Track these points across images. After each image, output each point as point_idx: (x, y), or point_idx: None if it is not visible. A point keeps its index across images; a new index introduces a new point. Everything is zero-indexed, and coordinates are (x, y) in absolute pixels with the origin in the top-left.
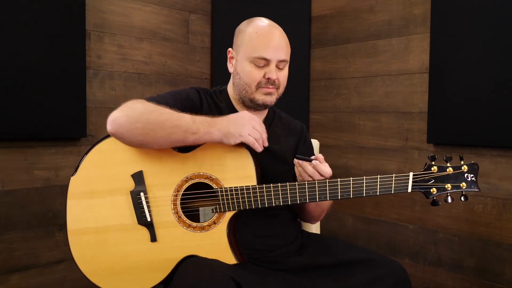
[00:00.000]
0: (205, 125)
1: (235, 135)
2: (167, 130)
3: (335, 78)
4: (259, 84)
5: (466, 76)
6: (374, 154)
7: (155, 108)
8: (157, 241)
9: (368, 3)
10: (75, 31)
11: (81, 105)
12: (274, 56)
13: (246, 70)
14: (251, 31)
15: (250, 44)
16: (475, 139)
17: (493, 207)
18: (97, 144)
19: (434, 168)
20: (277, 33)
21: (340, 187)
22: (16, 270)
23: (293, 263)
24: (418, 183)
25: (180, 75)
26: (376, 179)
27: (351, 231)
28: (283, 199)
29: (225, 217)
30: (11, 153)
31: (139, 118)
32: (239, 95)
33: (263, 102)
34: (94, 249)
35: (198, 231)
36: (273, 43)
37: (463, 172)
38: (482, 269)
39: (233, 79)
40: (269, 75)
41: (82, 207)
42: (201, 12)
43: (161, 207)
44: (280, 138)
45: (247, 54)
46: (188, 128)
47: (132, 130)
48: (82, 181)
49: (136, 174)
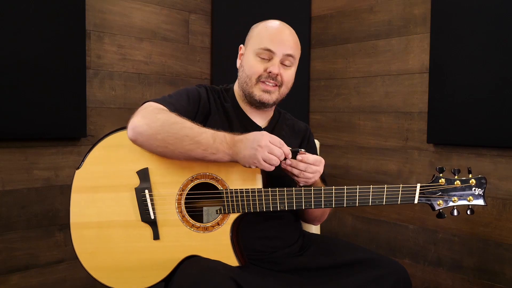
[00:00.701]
0: (224, 145)
1: (250, 161)
2: (186, 147)
3: (335, 78)
4: (259, 77)
5: (466, 76)
6: (374, 154)
7: (176, 121)
8: (159, 239)
9: (368, 3)
10: (75, 31)
11: (81, 105)
12: (278, 48)
13: (249, 62)
14: (261, 26)
15: (258, 37)
16: (475, 139)
17: (493, 207)
18: (103, 139)
19: (442, 180)
20: (286, 30)
21: (346, 195)
22: (16, 270)
23: (294, 264)
24: (425, 195)
25: (180, 75)
26: (383, 189)
27: (351, 231)
28: (288, 204)
29: (229, 219)
30: (11, 153)
31: (159, 129)
32: (242, 89)
33: (259, 99)
34: (96, 243)
35: (202, 231)
36: (279, 37)
37: (471, 185)
38: (482, 269)
39: (239, 73)
40: (271, 68)
41: (85, 201)
42: (201, 12)
43: (165, 205)
44: (285, 139)
45: (254, 46)
46: (208, 147)
47: (152, 140)
48: (87, 176)
49: (142, 171)
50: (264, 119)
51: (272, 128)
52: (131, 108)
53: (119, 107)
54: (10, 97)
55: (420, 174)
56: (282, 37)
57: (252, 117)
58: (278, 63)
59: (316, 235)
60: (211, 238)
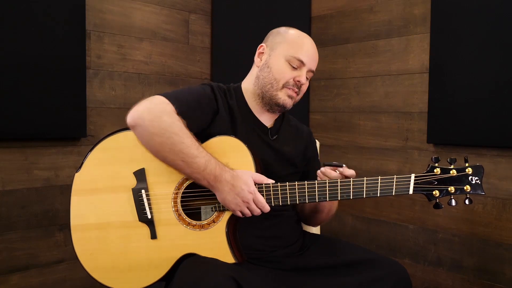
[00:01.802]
0: (211, 178)
1: (229, 205)
2: (176, 161)
3: (335, 78)
4: (286, 83)
5: (466, 76)
6: (374, 154)
7: (178, 132)
8: (157, 238)
9: (368, 3)
10: (75, 31)
11: (81, 105)
12: (309, 63)
13: (279, 66)
14: (293, 33)
15: (292, 45)
16: (475, 139)
17: (493, 207)
18: (101, 142)
19: (437, 170)
20: (314, 46)
21: (340, 188)
22: (16, 270)
23: (294, 263)
24: (420, 185)
25: (180, 75)
26: (376, 180)
27: (351, 231)
28: (283, 199)
29: (224, 215)
30: (11, 153)
31: (160, 132)
32: (261, 89)
33: (283, 103)
34: (95, 245)
35: (198, 229)
36: (311, 52)
37: (468, 174)
38: (482, 269)
39: (260, 72)
40: (299, 78)
41: (85, 204)
42: (201, 12)
43: (162, 204)
44: (290, 141)
45: (286, 51)
46: (195, 172)
47: (148, 136)
48: (86, 178)
49: (138, 172)
50: (271, 119)
51: (277, 128)
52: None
53: (119, 107)
54: (10, 97)
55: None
56: (314, 53)
57: (259, 117)
58: (305, 74)
59: (316, 235)
60: (207, 235)
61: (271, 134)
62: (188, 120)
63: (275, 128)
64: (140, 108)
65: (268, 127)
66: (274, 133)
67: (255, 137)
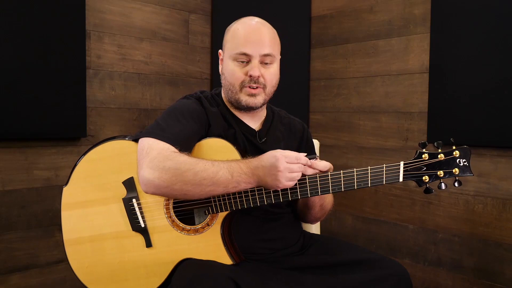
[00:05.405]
0: (243, 177)
1: (274, 186)
2: (206, 189)
3: (335, 78)
4: (242, 83)
5: (466, 76)
6: (374, 154)
7: (187, 167)
8: (152, 246)
9: (368, 3)
10: (75, 31)
11: (81, 105)
12: (254, 50)
13: (229, 69)
14: (234, 27)
15: (232, 41)
16: (475, 139)
17: (493, 207)
18: (86, 154)
19: (425, 155)
20: (261, 28)
21: (331, 181)
22: (16, 270)
23: (293, 263)
24: (410, 171)
25: (180, 75)
26: (366, 171)
27: (351, 231)
28: (275, 197)
29: (218, 218)
30: (11, 153)
31: (174, 180)
32: (227, 96)
33: (246, 104)
34: (91, 257)
35: (192, 233)
36: (253, 37)
37: (455, 157)
38: (482, 269)
39: (222, 81)
40: (251, 72)
41: (76, 217)
42: (201, 12)
43: (154, 212)
44: (281, 140)
45: (230, 51)
46: (228, 184)
47: (170, 191)
48: (74, 191)
49: (127, 181)
50: (257, 121)
51: (266, 130)
52: (131, 108)
53: (119, 107)
54: (10, 97)
55: None
56: (256, 37)
57: (245, 121)
58: (257, 64)
59: (316, 235)
60: (203, 239)
61: (259, 137)
62: (186, 141)
63: (264, 130)
64: (144, 173)
65: (256, 130)
66: (263, 136)
67: (244, 142)
